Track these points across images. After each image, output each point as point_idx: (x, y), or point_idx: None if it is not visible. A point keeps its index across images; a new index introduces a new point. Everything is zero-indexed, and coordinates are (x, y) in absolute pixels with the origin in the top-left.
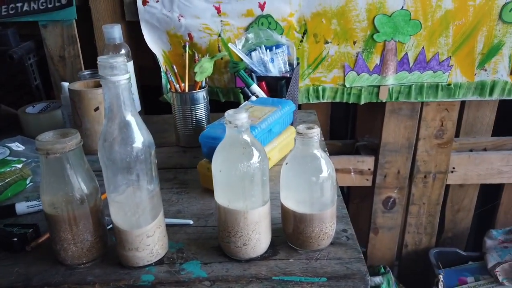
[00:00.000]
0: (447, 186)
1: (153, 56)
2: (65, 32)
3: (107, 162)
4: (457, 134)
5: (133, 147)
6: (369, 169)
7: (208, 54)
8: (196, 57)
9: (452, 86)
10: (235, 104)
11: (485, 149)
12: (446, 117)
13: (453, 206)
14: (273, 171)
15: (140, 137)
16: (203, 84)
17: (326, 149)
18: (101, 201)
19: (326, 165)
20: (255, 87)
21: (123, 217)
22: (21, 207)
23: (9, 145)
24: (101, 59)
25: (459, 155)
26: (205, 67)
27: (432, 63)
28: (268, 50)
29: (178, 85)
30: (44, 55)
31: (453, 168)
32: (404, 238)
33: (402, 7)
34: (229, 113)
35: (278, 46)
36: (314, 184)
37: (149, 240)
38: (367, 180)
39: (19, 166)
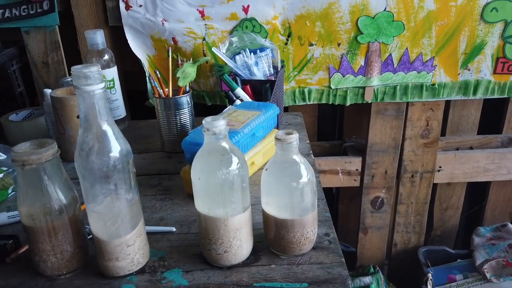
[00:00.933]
0: (435, 185)
1: (138, 60)
2: (48, 38)
3: (84, 172)
4: (443, 133)
5: (110, 156)
6: (357, 170)
7: (191, 59)
8: (180, 61)
9: (436, 86)
10: (222, 108)
11: (471, 148)
12: (432, 116)
13: (441, 205)
14: (257, 175)
15: (117, 146)
16: (187, 89)
17: (311, 151)
18: (81, 211)
19: (305, 170)
20: (239, 91)
21: (102, 227)
22: (2, 217)
23: None
24: (74, 69)
25: (446, 154)
26: (188, 72)
27: (416, 63)
28: (252, 54)
29: (161, 90)
30: (28, 61)
31: (440, 167)
32: (393, 237)
33: (385, 8)
34: (206, 120)
35: (262, 49)
36: (294, 189)
37: (129, 250)
38: (355, 180)
39: (0, 175)
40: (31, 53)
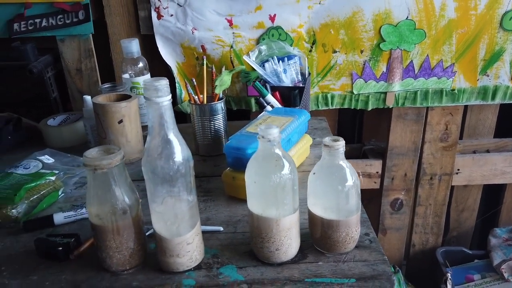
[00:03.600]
0: (452, 187)
1: (166, 67)
2: (82, 46)
3: (151, 175)
4: (460, 137)
5: (175, 161)
6: (377, 172)
7: (224, 67)
8: (213, 70)
9: (456, 91)
10: (247, 112)
11: (488, 151)
12: (451, 121)
13: (458, 206)
14: None
15: (180, 152)
16: (221, 95)
17: None
18: (141, 212)
19: (351, 175)
20: (269, 97)
21: (164, 226)
22: (59, 217)
23: (40, 158)
24: (146, 82)
25: (464, 157)
26: (224, 80)
27: (436, 69)
28: (280, 61)
29: (197, 97)
30: (62, 68)
31: (458, 169)
32: (411, 238)
33: (407, 17)
34: (261, 128)
35: (290, 57)
36: (340, 192)
37: (189, 247)
38: (375, 182)
39: (53, 178)
40: (65, 60)
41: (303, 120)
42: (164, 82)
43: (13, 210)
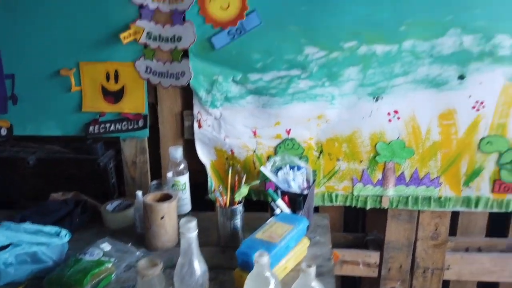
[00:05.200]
0: (447, 281)
1: (202, 165)
2: (138, 145)
3: (179, 284)
4: (454, 233)
5: (196, 275)
6: (375, 263)
7: (245, 176)
8: (238, 169)
9: (442, 199)
10: (263, 203)
11: (479, 248)
12: (440, 223)
13: None
14: (289, 276)
15: (199, 269)
16: (240, 199)
17: (332, 255)
18: None
19: None
20: (279, 202)
21: None
22: None
23: (101, 246)
24: (182, 223)
25: (454, 254)
26: (243, 192)
27: (424, 180)
28: (291, 170)
29: (222, 198)
30: (121, 159)
31: (449, 265)
32: None
33: (398, 137)
34: (256, 255)
35: (299, 167)
36: None
37: None
38: (374, 272)
39: (110, 265)
40: (124, 155)
41: (302, 227)
42: (194, 223)
43: None
